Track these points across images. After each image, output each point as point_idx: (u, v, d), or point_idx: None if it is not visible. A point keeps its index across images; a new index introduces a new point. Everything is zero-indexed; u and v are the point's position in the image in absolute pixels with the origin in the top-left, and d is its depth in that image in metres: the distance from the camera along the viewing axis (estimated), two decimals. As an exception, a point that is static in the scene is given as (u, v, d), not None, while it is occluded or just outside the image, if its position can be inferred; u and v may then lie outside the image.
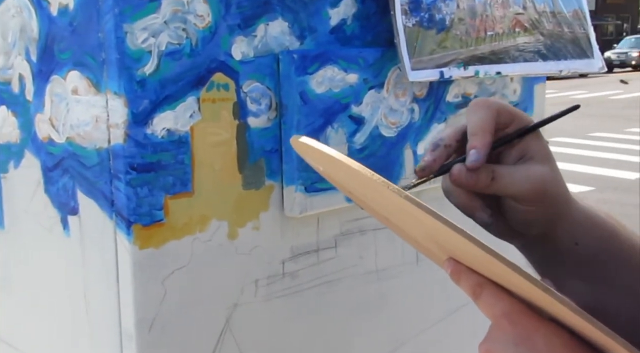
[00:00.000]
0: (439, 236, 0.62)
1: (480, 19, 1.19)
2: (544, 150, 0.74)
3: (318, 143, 0.69)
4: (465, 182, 0.71)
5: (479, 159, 0.70)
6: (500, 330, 0.62)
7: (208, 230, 0.98)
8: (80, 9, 0.92)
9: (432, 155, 0.74)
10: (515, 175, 0.72)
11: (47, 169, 1.04)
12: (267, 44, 1.01)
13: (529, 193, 0.72)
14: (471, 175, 0.71)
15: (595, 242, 0.75)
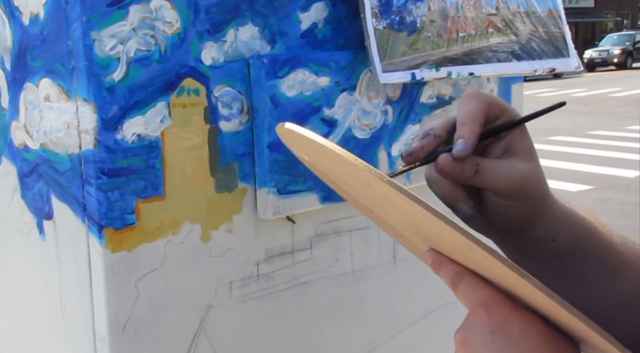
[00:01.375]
0: (420, 223, 0.63)
1: (452, 20, 1.21)
2: (529, 147, 0.75)
3: (303, 129, 0.71)
4: (450, 171, 0.72)
5: (465, 149, 0.71)
6: (476, 318, 0.64)
7: (181, 233, 0.99)
8: (50, 18, 0.94)
9: (420, 142, 0.74)
10: (499, 169, 0.73)
11: (23, 175, 1.06)
12: (237, 49, 1.02)
13: (510, 189, 0.73)
14: (456, 165, 0.71)
15: (572, 239, 0.76)
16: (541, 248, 0.76)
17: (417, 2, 1.16)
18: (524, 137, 0.75)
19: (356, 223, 1.20)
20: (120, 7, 0.91)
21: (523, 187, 0.73)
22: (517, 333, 0.62)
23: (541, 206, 0.75)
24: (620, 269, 0.77)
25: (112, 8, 0.90)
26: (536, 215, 0.75)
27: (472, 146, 0.71)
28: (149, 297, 0.97)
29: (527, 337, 0.61)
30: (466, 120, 0.72)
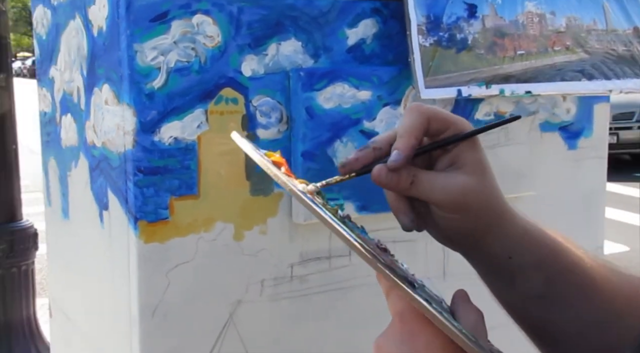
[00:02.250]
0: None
1: (510, 38, 1.20)
2: (476, 161, 0.76)
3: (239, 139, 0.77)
4: (385, 182, 0.74)
5: (398, 160, 0.72)
6: (392, 327, 0.68)
7: (213, 230, 1.07)
8: (109, 31, 1.06)
9: (356, 155, 0.77)
10: (434, 182, 0.74)
11: (91, 169, 1.19)
12: (278, 61, 1.09)
13: (447, 201, 0.74)
14: (392, 176, 0.73)
15: (534, 256, 0.76)
16: (499, 265, 0.77)
17: (471, 19, 1.17)
18: (473, 152, 0.75)
19: (401, 235, 1.21)
20: (162, 22, 1.01)
21: (460, 200, 0.73)
22: (423, 345, 0.64)
23: (491, 222, 0.75)
24: (590, 287, 0.75)
25: (155, 23, 1.00)
26: (486, 230, 0.75)
27: (405, 158, 0.72)
28: (180, 286, 1.06)
29: (431, 349, 0.63)
30: (403, 132, 0.74)
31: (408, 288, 0.60)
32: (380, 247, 0.88)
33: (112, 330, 1.17)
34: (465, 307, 0.70)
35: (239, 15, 1.06)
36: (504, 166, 1.27)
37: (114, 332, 1.15)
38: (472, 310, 0.70)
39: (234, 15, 1.05)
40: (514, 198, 1.29)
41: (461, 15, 1.17)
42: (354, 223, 0.88)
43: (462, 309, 0.70)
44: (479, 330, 0.67)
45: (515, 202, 1.30)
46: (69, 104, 1.27)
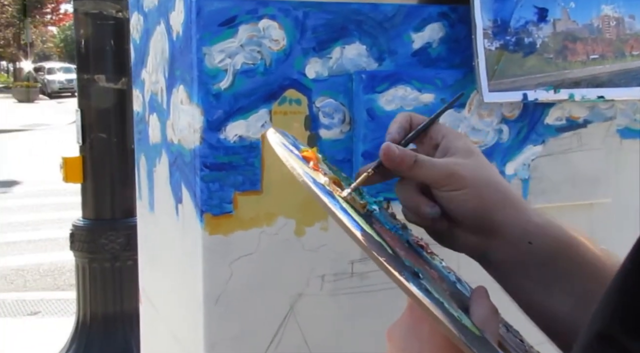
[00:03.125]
0: None
1: (583, 42, 1.19)
2: (466, 147, 0.83)
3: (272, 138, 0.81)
4: (392, 157, 0.80)
5: (392, 132, 0.85)
6: (404, 316, 0.72)
7: (275, 225, 1.12)
8: (183, 35, 1.13)
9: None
10: (434, 161, 0.81)
11: (170, 165, 1.27)
12: (342, 64, 1.13)
13: (446, 177, 0.79)
14: (396, 154, 0.80)
15: (551, 245, 0.78)
16: (518, 251, 0.78)
17: (540, 23, 1.17)
18: (459, 140, 0.84)
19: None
20: (230, 27, 1.07)
21: (459, 172, 0.79)
22: (426, 333, 0.67)
23: (498, 199, 0.78)
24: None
25: (223, 27, 1.07)
26: (496, 207, 0.78)
27: (397, 132, 0.84)
28: (242, 277, 1.12)
29: (433, 338, 0.66)
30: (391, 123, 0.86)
31: (400, 276, 0.62)
32: (418, 244, 0.90)
33: (184, 317, 1.24)
34: (478, 302, 0.72)
35: (304, 20, 1.10)
36: (576, 171, 1.26)
37: (186, 318, 1.22)
38: (484, 305, 0.71)
39: (299, 19, 1.10)
40: (587, 205, 1.28)
41: (530, 19, 1.17)
42: (392, 220, 0.91)
43: (475, 304, 0.72)
44: (488, 325, 0.68)
45: (588, 209, 1.29)
46: (155, 103, 1.35)
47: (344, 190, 0.79)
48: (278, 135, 0.86)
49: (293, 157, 0.76)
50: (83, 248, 3.65)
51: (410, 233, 0.94)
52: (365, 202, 0.82)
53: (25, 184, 10.20)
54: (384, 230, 0.79)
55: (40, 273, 6.06)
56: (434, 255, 0.94)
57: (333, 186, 0.77)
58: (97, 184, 3.66)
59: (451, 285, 0.83)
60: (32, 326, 4.58)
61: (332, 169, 0.94)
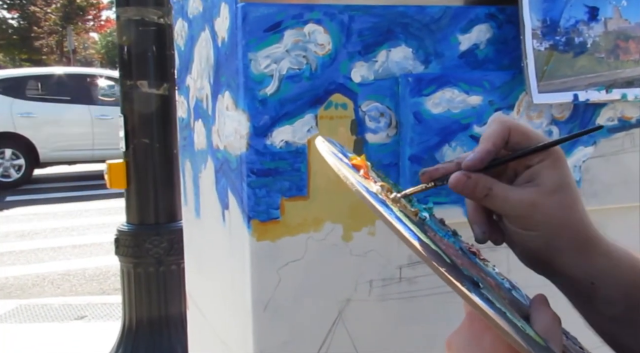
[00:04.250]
0: None
1: (636, 41, 1.16)
2: (557, 180, 0.74)
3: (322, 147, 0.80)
4: (461, 188, 0.75)
5: (473, 159, 0.74)
6: (462, 326, 0.70)
7: (322, 230, 1.12)
8: (229, 41, 1.13)
9: (438, 165, 0.79)
10: (508, 195, 0.73)
11: (216, 171, 1.27)
12: (388, 68, 1.12)
13: (516, 216, 0.74)
14: (468, 183, 0.74)
15: (617, 287, 0.74)
16: (581, 289, 0.75)
17: (591, 22, 1.14)
18: (553, 169, 0.74)
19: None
20: (275, 32, 1.07)
21: (529, 216, 0.72)
22: (489, 344, 0.65)
23: (569, 246, 0.73)
24: None
25: (269, 33, 1.06)
26: (562, 253, 0.74)
27: (479, 160, 0.73)
28: (290, 283, 1.11)
29: (496, 348, 0.64)
30: (482, 139, 0.74)
31: (463, 287, 0.61)
32: (470, 250, 0.89)
33: (232, 323, 1.24)
34: (540, 310, 0.70)
35: (349, 24, 1.09)
36: (629, 173, 1.23)
37: (234, 324, 1.22)
38: (547, 313, 0.69)
39: (344, 23, 1.09)
40: (637, 207, 1.24)
41: (581, 19, 1.14)
42: (442, 227, 0.89)
43: (536, 312, 0.70)
44: (552, 334, 0.66)
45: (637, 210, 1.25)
46: (200, 110, 1.36)
47: (393, 193, 0.78)
48: (327, 144, 0.85)
49: (344, 166, 0.76)
50: (128, 253, 3.69)
51: (461, 240, 0.92)
52: (417, 209, 0.80)
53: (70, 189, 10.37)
54: (438, 238, 0.77)
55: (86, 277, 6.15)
56: (486, 262, 0.93)
57: (386, 194, 0.76)
58: (140, 189, 3.69)
59: (507, 293, 0.81)
60: (78, 330, 4.64)
61: (380, 176, 0.93)
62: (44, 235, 7.66)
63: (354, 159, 0.83)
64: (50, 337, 4.50)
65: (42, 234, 7.72)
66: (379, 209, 0.66)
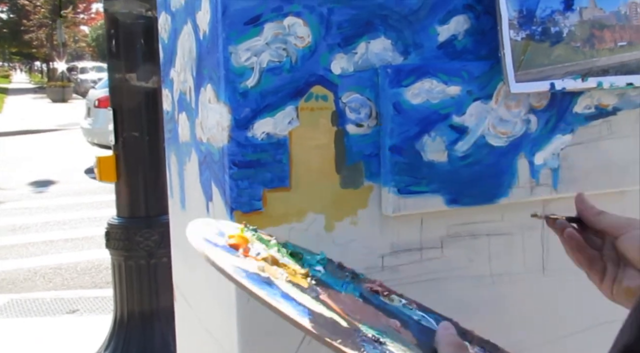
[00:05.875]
0: None
1: (610, 29, 1.17)
2: None
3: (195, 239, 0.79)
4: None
5: None
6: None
7: (305, 221, 1.13)
8: (210, 34, 1.14)
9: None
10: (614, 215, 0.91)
11: (200, 163, 1.28)
12: (367, 59, 1.13)
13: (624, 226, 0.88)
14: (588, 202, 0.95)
15: None
16: None
17: (567, 12, 1.16)
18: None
19: (496, 228, 1.24)
20: (255, 25, 1.08)
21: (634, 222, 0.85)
22: None
23: None
24: None
25: (249, 26, 1.07)
26: None
27: None
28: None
29: None
30: None
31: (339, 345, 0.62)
32: (372, 290, 0.90)
33: (217, 314, 1.25)
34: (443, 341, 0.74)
35: (329, 16, 1.11)
36: (607, 159, 1.25)
37: (219, 315, 1.24)
38: (450, 343, 0.73)
39: (324, 16, 1.10)
40: (619, 193, 1.27)
41: (556, 9, 1.16)
42: (340, 273, 0.91)
43: (440, 346, 0.74)
44: None
45: (619, 196, 1.28)
46: (184, 103, 1.37)
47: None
48: (198, 231, 0.83)
49: (219, 252, 0.76)
50: (119, 246, 3.70)
51: (361, 281, 0.95)
52: (307, 270, 0.82)
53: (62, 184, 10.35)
54: (333, 295, 0.79)
55: (78, 271, 6.15)
56: (391, 296, 0.95)
57: (270, 269, 0.77)
58: (130, 182, 3.70)
59: (416, 328, 0.83)
60: (70, 324, 4.65)
61: (266, 241, 0.93)
62: (35, 229, 7.66)
63: (232, 237, 0.83)
64: (42, 331, 4.51)
65: (34, 228, 7.72)
66: (260, 295, 0.66)
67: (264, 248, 0.87)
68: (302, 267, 0.86)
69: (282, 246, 0.94)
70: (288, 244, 0.97)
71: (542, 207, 1.24)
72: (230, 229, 0.90)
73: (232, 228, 0.92)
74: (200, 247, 0.75)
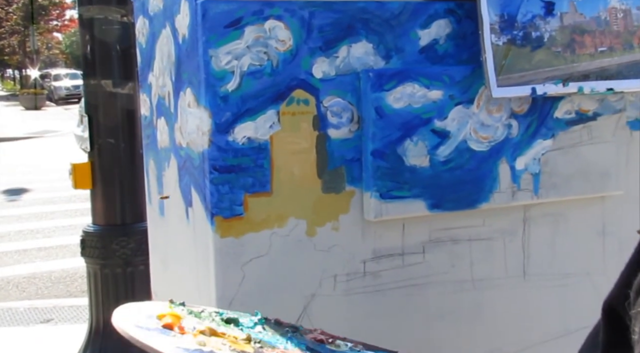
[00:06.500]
0: None
1: (591, 35, 1.18)
2: None
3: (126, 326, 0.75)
4: None
5: None
6: None
7: (286, 226, 1.12)
8: (189, 38, 1.13)
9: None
10: None
11: (179, 168, 1.27)
12: (349, 63, 1.12)
13: None
14: None
15: None
16: None
17: (548, 17, 1.16)
18: None
19: (477, 233, 1.23)
20: (236, 29, 1.07)
21: None
22: None
23: None
24: None
25: (229, 29, 1.06)
26: None
27: None
28: (255, 279, 1.11)
29: None
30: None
31: None
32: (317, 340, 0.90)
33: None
34: None
35: (310, 20, 1.10)
36: (587, 165, 1.25)
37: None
38: None
39: (305, 19, 1.10)
40: (599, 198, 1.27)
41: (537, 13, 1.16)
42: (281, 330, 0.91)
43: None
44: None
45: (600, 202, 1.28)
46: (163, 107, 1.35)
47: None
48: (129, 318, 0.80)
49: (156, 337, 0.74)
50: (94, 255, 3.64)
51: (302, 332, 0.95)
52: (247, 334, 0.81)
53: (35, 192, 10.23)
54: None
55: (52, 280, 6.07)
56: (337, 341, 0.96)
57: (210, 342, 0.76)
58: (106, 190, 3.65)
59: None
60: (45, 334, 4.58)
61: (197, 313, 0.90)
62: (8, 238, 7.56)
63: (162, 317, 0.82)
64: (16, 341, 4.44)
65: (7, 237, 7.62)
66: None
67: (197, 322, 0.85)
68: (242, 331, 0.84)
69: (215, 315, 0.91)
70: (220, 312, 0.93)
71: (524, 212, 1.24)
72: (158, 309, 0.88)
73: (159, 308, 0.89)
74: (135, 335, 0.72)
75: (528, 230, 1.25)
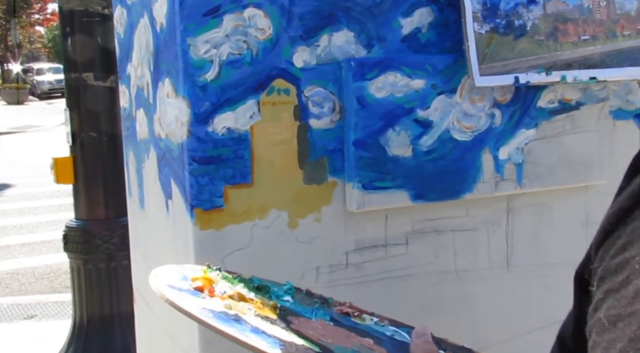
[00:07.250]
0: None
1: (574, 23, 1.17)
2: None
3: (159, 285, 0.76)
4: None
5: None
6: None
7: (267, 218, 1.10)
8: (167, 26, 1.11)
9: None
10: None
11: (159, 160, 1.25)
12: (330, 52, 1.11)
13: None
14: None
15: None
16: None
17: (530, 5, 1.15)
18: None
19: (461, 223, 1.22)
20: (214, 17, 1.05)
21: None
22: None
23: None
24: None
25: (207, 17, 1.04)
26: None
27: None
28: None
29: None
30: None
31: None
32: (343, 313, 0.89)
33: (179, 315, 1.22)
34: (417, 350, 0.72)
35: (290, 7, 1.08)
36: (570, 154, 1.24)
37: (181, 316, 1.20)
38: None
39: (285, 7, 1.08)
40: (582, 188, 1.26)
41: (520, 1, 1.15)
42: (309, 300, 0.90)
43: None
44: None
45: (583, 191, 1.27)
46: (141, 98, 1.33)
47: None
48: (163, 276, 0.81)
49: (185, 297, 0.74)
50: (77, 250, 3.61)
51: (331, 304, 0.94)
52: (274, 301, 0.81)
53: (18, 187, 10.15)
54: (304, 323, 0.78)
55: (36, 276, 6.03)
56: (362, 315, 0.95)
57: (237, 306, 0.76)
58: (89, 184, 3.62)
59: (389, 344, 0.82)
60: (28, 330, 4.55)
61: (231, 279, 0.92)
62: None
63: (196, 280, 0.82)
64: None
65: (-10, 233, 7.55)
66: (231, 333, 0.66)
67: (229, 286, 0.86)
68: (270, 299, 0.84)
69: (248, 281, 0.92)
70: (254, 279, 0.95)
71: (507, 202, 1.23)
72: (194, 272, 0.88)
73: (196, 271, 0.90)
74: (163, 293, 0.73)
75: (512, 221, 1.24)
